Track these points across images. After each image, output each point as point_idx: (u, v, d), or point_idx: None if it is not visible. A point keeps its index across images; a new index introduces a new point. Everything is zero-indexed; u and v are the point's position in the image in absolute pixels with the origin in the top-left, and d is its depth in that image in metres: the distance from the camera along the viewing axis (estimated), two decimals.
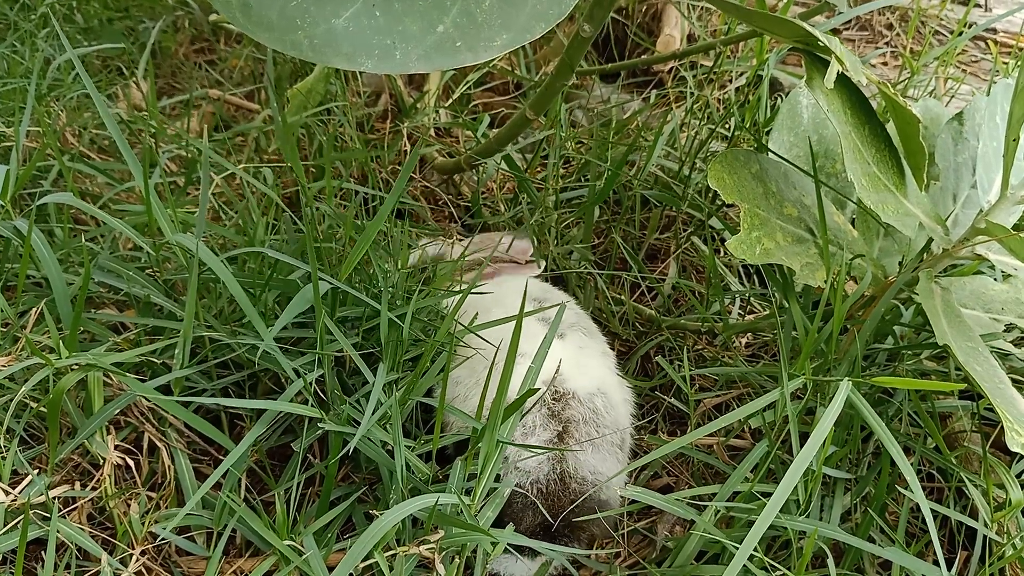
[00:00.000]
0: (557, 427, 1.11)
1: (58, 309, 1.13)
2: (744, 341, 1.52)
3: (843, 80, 1.15)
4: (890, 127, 1.21)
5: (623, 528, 1.19)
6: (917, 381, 1.04)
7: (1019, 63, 2.07)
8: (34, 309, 1.14)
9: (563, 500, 1.09)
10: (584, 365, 1.19)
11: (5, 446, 1.03)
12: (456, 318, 1.17)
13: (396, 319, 1.16)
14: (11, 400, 1.05)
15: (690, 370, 1.32)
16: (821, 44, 1.08)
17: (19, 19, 2.24)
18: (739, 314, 1.57)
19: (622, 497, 1.13)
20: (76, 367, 1.03)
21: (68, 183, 1.44)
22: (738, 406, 1.34)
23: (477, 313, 1.19)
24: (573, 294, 1.50)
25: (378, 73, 1.84)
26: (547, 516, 1.07)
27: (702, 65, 2.11)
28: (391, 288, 1.23)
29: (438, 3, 0.94)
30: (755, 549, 0.90)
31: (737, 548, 0.86)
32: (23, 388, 1.02)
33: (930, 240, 1.21)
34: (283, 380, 1.16)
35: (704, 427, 1.07)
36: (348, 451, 1.04)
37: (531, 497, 1.07)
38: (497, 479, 1.07)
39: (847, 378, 0.97)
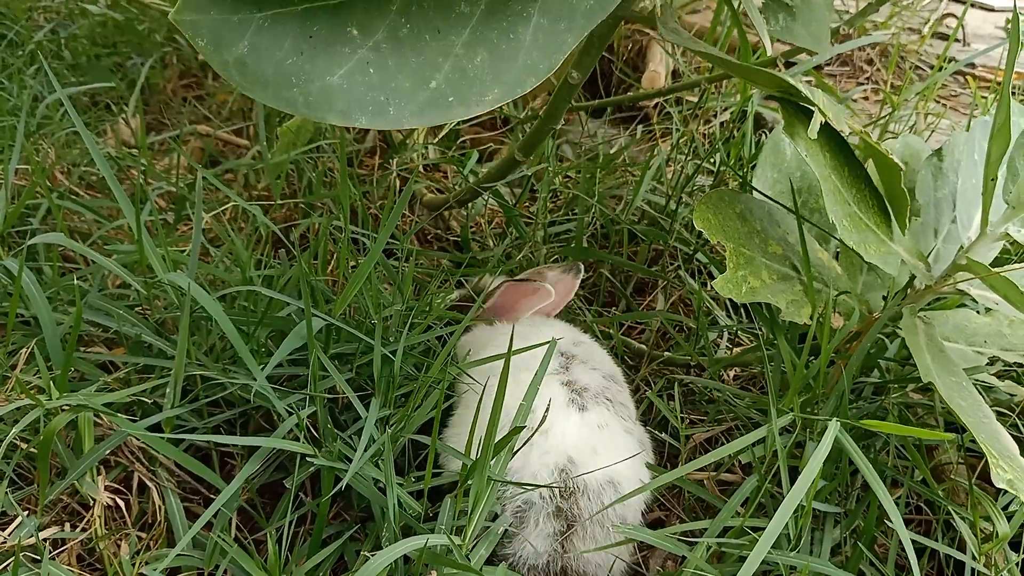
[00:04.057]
0: (561, 525, 1.06)
1: (48, 349, 1.13)
2: (732, 374, 1.53)
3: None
4: (869, 165, 1.23)
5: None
6: (904, 427, 1.05)
7: (996, 98, 2.12)
8: (24, 349, 1.14)
9: None
10: (601, 451, 1.10)
11: None
12: (460, 361, 1.15)
13: (389, 354, 1.16)
14: (1, 442, 1.04)
15: (680, 405, 1.32)
16: (803, 95, 1.11)
17: (6, 56, 2.25)
18: (727, 347, 1.58)
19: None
20: (67, 408, 1.03)
21: (58, 221, 1.44)
22: (727, 439, 1.35)
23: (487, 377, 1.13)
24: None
25: (372, 128, 1.87)
26: None
27: (687, 101, 2.15)
28: (385, 322, 1.23)
29: (431, 60, 0.95)
30: None
31: None
32: (13, 430, 1.02)
33: (912, 276, 1.23)
34: (275, 417, 1.16)
35: (695, 461, 1.08)
36: (340, 488, 1.04)
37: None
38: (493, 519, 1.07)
39: (835, 419, 0.98)
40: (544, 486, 1.06)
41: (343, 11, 0.95)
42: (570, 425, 1.10)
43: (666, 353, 1.50)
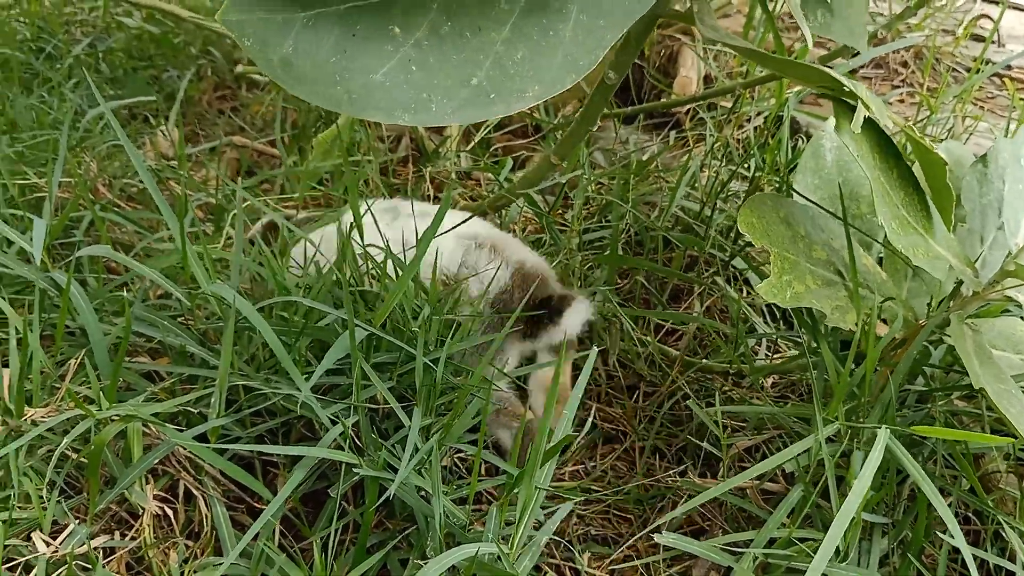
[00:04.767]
0: (490, 249, 1.34)
1: (96, 359, 1.15)
2: (771, 382, 1.52)
3: (869, 123, 1.16)
4: (916, 169, 1.22)
5: (658, 574, 1.19)
6: (958, 432, 1.04)
7: None
8: (74, 360, 1.16)
9: (535, 280, 1.31)
10: (491, 232, 1.43)
11: (46, 497, 1.04)
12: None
13: (431, 363, 1.17)
14: (52, 451, 1.06)
15: (720, 413, 1.32)
16: (847, 89, 1.10)
17: (45, 69, 2.29)
18: (766, 354, 1.57)
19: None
20: (116, 418, 1.04)
21: (101, 233, 1.46)
22: (768, 448, 1.34)
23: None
24: (598, 335, 1.53)
25: (415, 126, 1.90)
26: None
27: (721, 106, 2.14)
28: (426, 331, 1.24)
29: (472, 57, 0.96)
30: None
31: None
32: (65, 440, 1.03)
33: (960, 282, 1.22)
34: (316, 426, 1.17)
35: (742, 473, 1.07)
36: (387, 497, 1.04)
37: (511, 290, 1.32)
38: (537, 528, 1.07)
39: (886, 426, 0.97)
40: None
41: (385, 10, 0.96)
42: (468, 226, 1.37)
43: (704, 360, 1.49)
